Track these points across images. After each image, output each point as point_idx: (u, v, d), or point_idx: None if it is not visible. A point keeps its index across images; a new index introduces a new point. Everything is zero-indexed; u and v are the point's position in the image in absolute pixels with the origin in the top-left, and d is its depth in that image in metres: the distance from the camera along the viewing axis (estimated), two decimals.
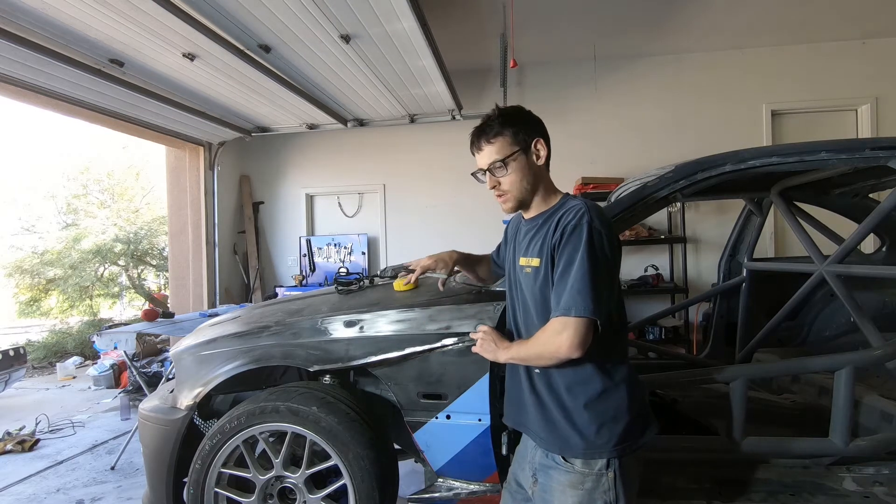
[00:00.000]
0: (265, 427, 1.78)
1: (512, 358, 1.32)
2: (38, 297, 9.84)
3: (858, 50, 5.04)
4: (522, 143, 1.32)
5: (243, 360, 1.88)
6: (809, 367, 2.00)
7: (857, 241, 2.02)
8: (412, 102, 4.78)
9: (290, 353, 1.85)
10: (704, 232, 5.26)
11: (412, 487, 2.03)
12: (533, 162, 1.34)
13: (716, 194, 2.90)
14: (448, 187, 5.71)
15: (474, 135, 1.37)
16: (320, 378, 1.94)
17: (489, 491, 1.74)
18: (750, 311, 2.78)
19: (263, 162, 6.22)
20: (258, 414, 1.76)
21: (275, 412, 1.77)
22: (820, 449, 1.69)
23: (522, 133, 1.32)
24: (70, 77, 3.49)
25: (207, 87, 4.06)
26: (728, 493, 1.68)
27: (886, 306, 2.35)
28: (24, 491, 3.08)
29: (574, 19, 4.50)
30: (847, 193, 2.54)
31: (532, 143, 1.33)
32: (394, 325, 1.76)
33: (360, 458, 1.72)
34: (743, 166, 1.75)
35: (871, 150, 1.69)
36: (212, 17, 2.98)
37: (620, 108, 5.42)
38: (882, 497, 1.61)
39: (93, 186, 10.45)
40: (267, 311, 2.17)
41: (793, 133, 5.20)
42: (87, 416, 4.58)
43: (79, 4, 2.74)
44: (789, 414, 2.17)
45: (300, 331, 1.87)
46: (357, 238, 5.86)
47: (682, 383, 2.39)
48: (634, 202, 1.78)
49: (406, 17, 3.04)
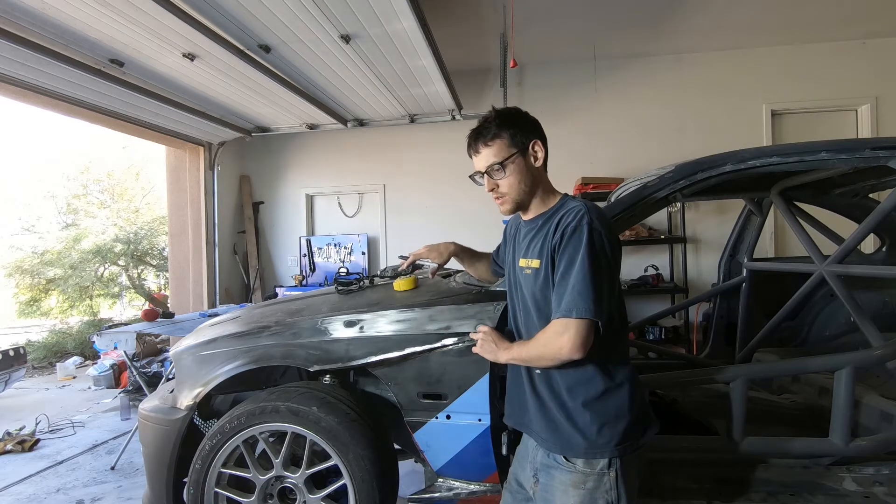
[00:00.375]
0: (265, 427, 1.78)
1: (512, 359, 1.32)
2: (38, 298, 9.83)
3: (858, 50, 5.04)
4: (520, 144, 1.31)
5: (243, 360, 1.88)
6: (809, 367, 2.00)
7: (857, 241, 2.02)
8: (412, 102, 4.78)
9: (290, 353, 1.85)
10: (704, 232, 5.26)
11: (412, 487, 2.03)
12: (531, 164, 1.34)
13: (716, 194, 2.90)
14: (448, 187, 5.71)
15: (471, 137, 1.36)
16: (320, 378, 1.94)
17: (489, 491, 1.74)
18: (750, 311, 2.78)
19: (263, 162, 6.22)
20: (258, 414, 1.76)
21: (275, 412, 1.77)
22: (820, 449, 1.69)
23: (520, 135, 1.31)
24: (70, 77, 3.49)
25: (207, 87, 4.07)
26: (728, 493, 1.68)
27: (886, 306, 2.35)
28: (24, 491, 3.08)
29: (574, 19, 4.50)
30: (847, 193, 2.54)
31: (529, 144, 1.33)
32: (394, 325, 1.76)
33: (360, 458, 1.72)
34: (743, 166, 1.75)
35: (871, 150, 1.69)
36: (212, 17, 2.99)
37: (620, 107, 5.42)
38: (882, 497, 1.61)
39: (93, 186, 10.44)
40: (267, 311, 2.17)
41: (793, 133, 5.20)
42: (87, 416, 4.58)
43: (79, 4, 2.74)
44: (789, 414, 2.17)
45: (300, 331, 1.86)
46: (357, 238, 5.86)
47: (682, 383, 2.39)
48: (634, 202, 1.78)
49: (406, 16, 3.04)
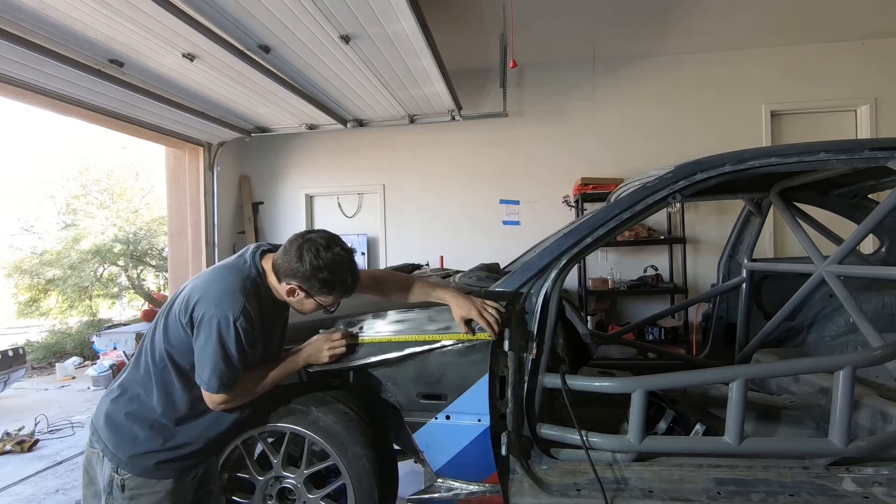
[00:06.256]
0: (263, 428, 1.78)
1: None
2: (37, 298, 9.83)
3: (858, 50, 5.04)
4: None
5: None
6: (809, 368, 1.99)
7: (857, 241, 2.01)
8: (412, 103, 4.78)
9: None
10: (704, 232, 5.26)
11: (412, 487, 2.03)
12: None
13: (715, 195, 2.90)
14: (448, 187, 5.72)
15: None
16: (319, 378, 1.93)
17: (488, 491, 1.74)
18: (749, 311, 2.78)
19: (263, 162, 6.22)
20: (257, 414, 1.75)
21: (273, 412, 1.77)
22: (820, 449, 1.68)
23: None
24: (70, 77, 3.49)
25: (207, 87, 4.06)
26: (728, 493, 1.68)
27: (885, 307, 2.35)
28: (23, 491, 3.08)
29: (574, 19, 4.50)
30: (846, 194, 2.54)
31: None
32: (393, 326, 1.76)
33: (359, 457, 1.72)
34: (742, 167, 1.75)
35: (871, 150, 1.69)
36: (212, 18, 2.99)
37: (620, 108, 5.42)
38: (881, 497, 1.61)
39: (92, 187, 10.44)
40: None
41: (792, 133, 5.21)
42: (86, 416, 4.58)
43: (78, 4, 2.74)
44: (789, 414, 2.17)
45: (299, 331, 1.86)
46: (357, 238, 5.86)
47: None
48: (634, 202, 1.78)
49: (406, 17, 3.04)
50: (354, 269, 1.53)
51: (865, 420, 1.86)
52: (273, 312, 1.57)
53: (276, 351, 1.65)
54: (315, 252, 1.44)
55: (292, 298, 1.51)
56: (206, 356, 1.40)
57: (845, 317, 2.43)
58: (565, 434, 1.74)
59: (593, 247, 1.80)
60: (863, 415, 1.87)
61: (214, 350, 1.39)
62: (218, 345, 1.39)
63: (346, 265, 1.49)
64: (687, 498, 1.69)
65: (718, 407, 2.26)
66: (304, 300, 1.50)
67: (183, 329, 1.44)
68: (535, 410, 1.76)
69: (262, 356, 1.56)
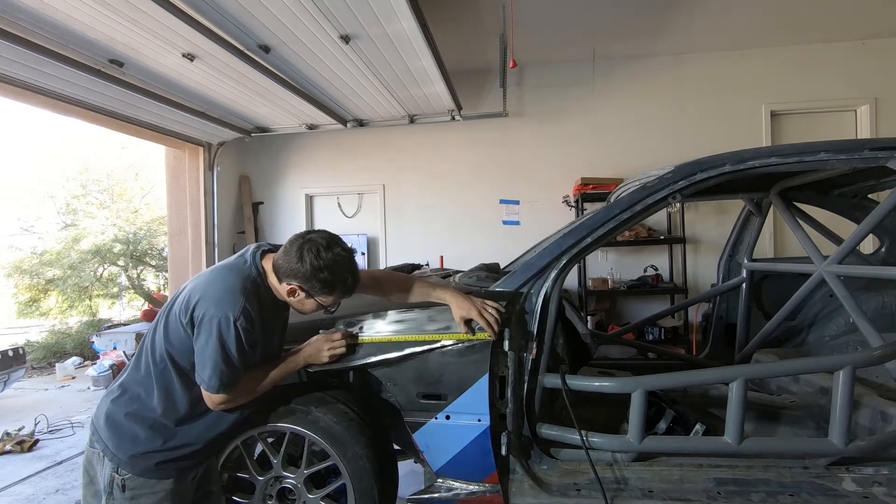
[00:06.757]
0: (263, 428, 1.78)
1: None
2: (37, 298, 9.83)
3: (858, 50, 5.04)
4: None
5: None
6: (809, 367, 1.99)
7: (857, 241, 2.01)
8: (412, 103, 4.78)
9: None
10: (704, 232, 5.26)
11: (412, 487, 2.03)
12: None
13: (715, 195, 2.90)
14: (448, 187, 5.71)
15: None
16: (319, 378, 1.93)
17: (488, 491, 1.74)
18: (749, 311, 2.78)
19: (263, 162, 6.22)
20: (256, 415, 1.75)
21: (273, 412, 1.77)
22: (819, 449, 1.69)
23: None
24: (70, 77, 3.49)
25: (207, 87, 4.06)
26: (728, 492, 1.68)
27: (886, 306, 2.35)
28: (23, 491, 3.08)
29: (574, 20, 4.50)
30: (846, 194, 2.54)
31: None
32: (393, 326, 1.76)
33: (359, 457, 1.72)
34: (742, 167, 1.75)
35: (871, 150, 1.69)
36: (212, 18, 2.99)
37: (620, 108, 5.42)
38: (881, 497, 1.61)
39: (92, 187, 10.44)
40: None
41: (792, 133, 5.21)
42: (86, 416, 4.58)
43: (79, 5, 2.74)
44: (789, 414, 2.17)
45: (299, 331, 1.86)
46: (357, 239, 5.86)
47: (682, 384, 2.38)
48: (634, 203, 1.78)
49: (406, 17, 3.04)
50: (355, 269, 1.53)
51: (865, 420, 1.86)
52: (273, 312, 1.57)
53: (276, 351, 1.65)
54: (315, 252, 1.44)
55: (293, 299, 1.51)
56: (207, 356, 1.40)
57: (845, 317, 2.43)
58: (565, 434, 1.75)
59: (593, 247, 1.81)
60: (863, 415, 1.87)
61: (215, 350, 1.39)
62: (218, 345, 1.39)
63: (346, 265, 1.49)
64: (687, 498, 1.69)
65: (718, 407, 2.26)
66: (305, 300, 1.50)
67: (183, 329, 1.44)
68: (535, 410, 1.76)
69: (262, 356, 1.56)
